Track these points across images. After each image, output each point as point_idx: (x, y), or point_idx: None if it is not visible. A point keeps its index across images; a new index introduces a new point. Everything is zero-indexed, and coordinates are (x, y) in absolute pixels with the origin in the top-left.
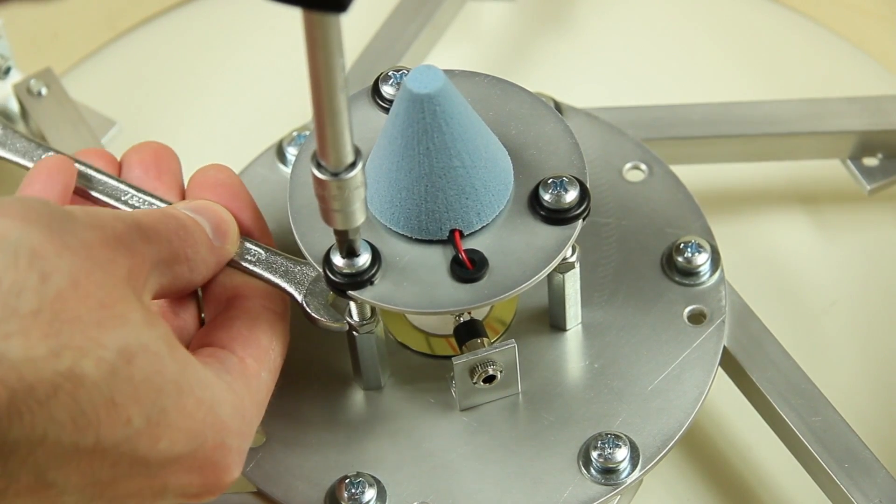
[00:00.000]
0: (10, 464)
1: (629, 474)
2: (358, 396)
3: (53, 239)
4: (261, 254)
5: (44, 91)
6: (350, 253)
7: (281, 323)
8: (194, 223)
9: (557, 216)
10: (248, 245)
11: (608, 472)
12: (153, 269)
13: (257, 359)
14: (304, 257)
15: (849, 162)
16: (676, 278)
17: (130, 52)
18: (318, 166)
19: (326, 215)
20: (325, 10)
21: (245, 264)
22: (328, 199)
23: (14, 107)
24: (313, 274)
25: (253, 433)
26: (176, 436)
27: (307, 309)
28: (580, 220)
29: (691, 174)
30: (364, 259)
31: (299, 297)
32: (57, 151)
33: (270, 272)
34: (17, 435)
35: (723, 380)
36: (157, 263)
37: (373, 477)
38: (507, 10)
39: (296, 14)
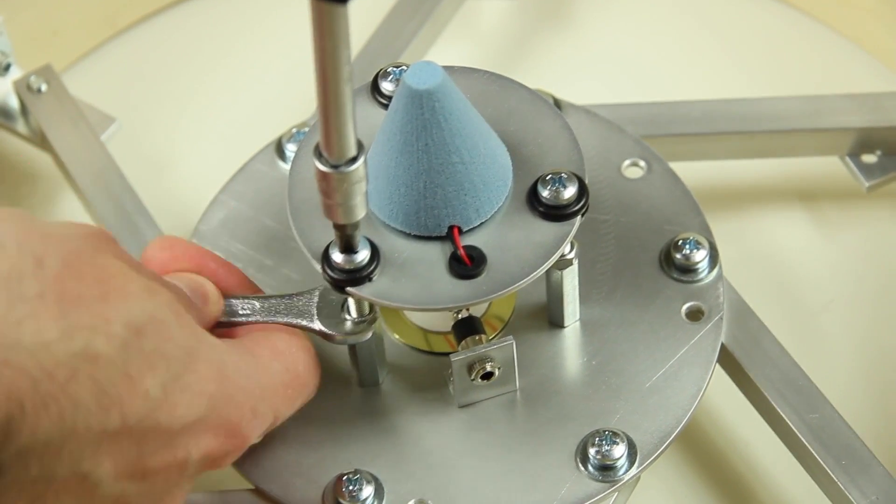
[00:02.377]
0: (46, 461)
1: (627, 471)
2: (356, 393)
3: (33, 230)
4: (253, 304)
5: (44, 88)
6: (349, 249)
7: (301, 340)
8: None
9: (556, 212)
10: (235, 301)
11: (606, 469)
12: None
13: (272, 350)
14: (303, 254)
15: (847, 159)
16: (675, 275)
17: (130, 49)
18: (320, 158)
19: (327, 209)
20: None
21: (242, 319)
22: (329, 193)
23: (14, 103)
24: (315, 299)
25: (266, 402)
26: (192, 400)
27: (328, 332)
28: (579, 217)
29: (690, 171)
30: (363, 255)
31: (316, 326)
32: None
33: (272, 315)
34: (48, 428)
35: (720, 377)
36: None
37: (370, 474)
38: (506, 6)
39: (296, 12)
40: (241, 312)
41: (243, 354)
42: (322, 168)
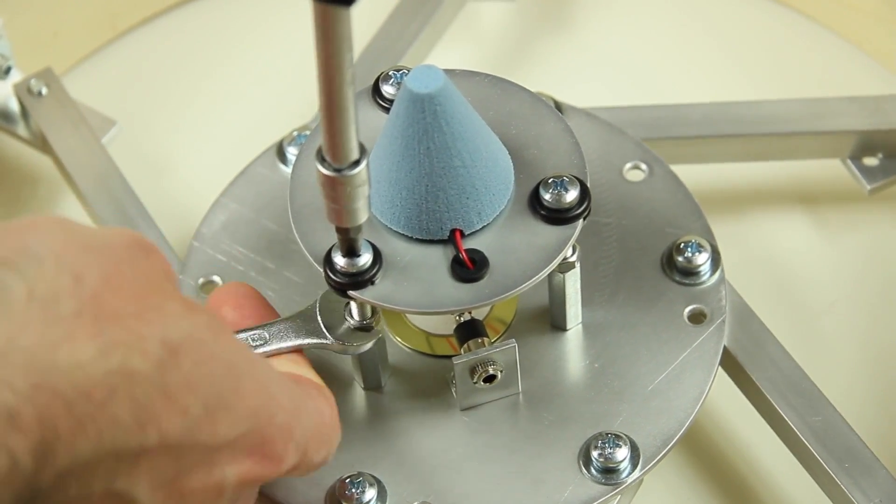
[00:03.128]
0: (83, 480)
1: (629, 474)
2: (358, 396)
3: (74, 241)
4: (263, 334)
5: (44, 91)
6: (351, 252)
7: (326, 393)
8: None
9: (558, 216)
10: (244, 334)
11: (608, 472)
12: None
13: (303, 388)
14: (305, 257)
15: (849, 161)
16: (677, 278)
17: (131, 51)
18: (323, 162)
19: (329, 213)
20: (332, 2)
21: (257, 351)
22: (332, 196)
23: (14, 106)
24: (318, 314)
25: (303, 430)
26: (233, 418)
27: (343, 343)
28: (581, 220)
29: (691, 174)
30: (365, 259)
31: (329, 341)
32: None
33: (284, 341)
34: (84, 448)
35: (723, 379)
36: None
37: (373, 477)
38: (507, 9)
39: (298, 14)
40: (253, 344)
41: (285, 377)
42: (324, 172)
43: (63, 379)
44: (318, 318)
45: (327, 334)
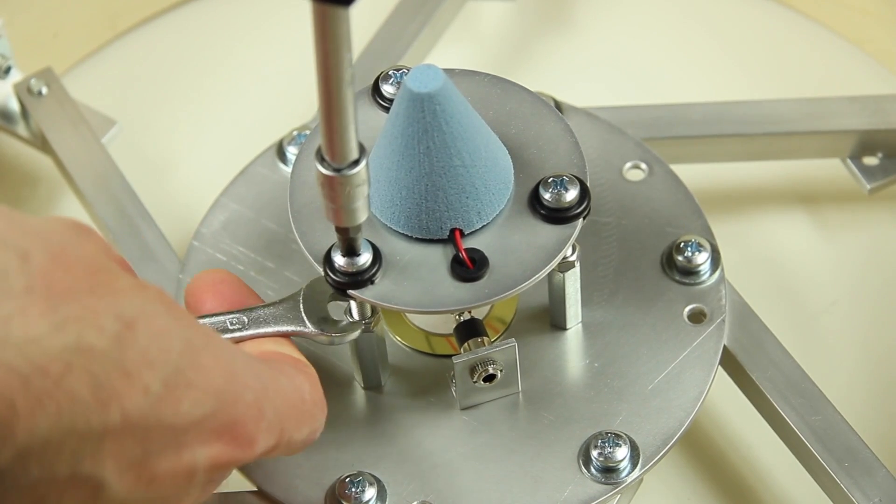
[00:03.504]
0: (46, 461)
1: (629, 473)
2: (358, 395)
3: (14, 225)
4: (241, 318)
5: (44, 91)
6: (351, 252)
7: (307, 369)
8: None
9: (558, 215)
10: (223, 317)
11: (608, 471)
12: None
13: (277, 367)
14: (304, 256)
15: (849, 161)
16: (676, 277)
17: (131, 51)
18: (322, 161)
19: (329, 212)
20: (330, 2)
21: (235, 335)
22: (331, 196)
23: (14, 106)
24: (300, 302)
25: (275, 411)
26: (197, 395)
27: (322, 333)
28: (580, 220)
29: (691, 173)
30: (365, 258)
31: (308, 329)
32: None
33: (263, 326)
34: (44, 426)
35: (723, 379)
36: None
37: (373, 476)
38: (507, 9)
39: (297, 13)
40: (231, 328)
41: (251, 357)
42: (324, 171)
43: (17, 354)
44: (301, 306)
45: (308, 323)
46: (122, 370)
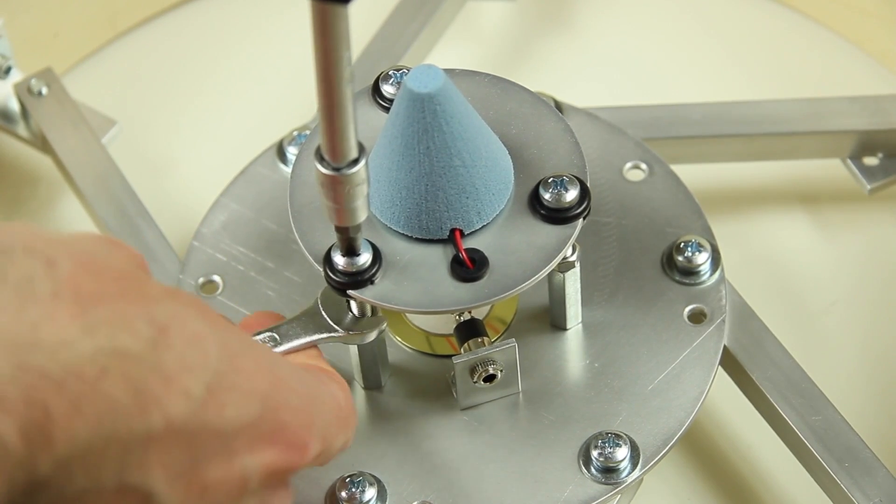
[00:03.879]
0: (90, 470)
1: (629, 473)
2: (358, 395)
3: (41, 235)
4: (273, 335)
5: (44, 91)
6: (351, 252)
7: (339, 378)
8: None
9: (558, 215)
10: (256, 338)
11: (608, 472)
12: None
13: (316, 375)
14: (304, 256)
15: (849, 161)
16: (677, 277)
17: (131, 51)
18: (322, 161)
19: (329, 212)
20: (329, 1)
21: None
22: (331, 196)
23: (14, 106)
24: (321, 309)
25: (320, 415)
26: (242, 399)
27: (351, 335)
28: (580, 220)
29: (692, 173)
30: (365, 258)
31: (340, 332)
32: None
33: (296, 339)
34: (84, 432)
35: (723, 379)
36: None
37: (373, 476)
38: (507, 9)
39: (297, 14)
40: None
41: (292, 364)
42: (323, 171)
43: (48, 358)
44: (323, 313)
45: (336, 327)
46: (161, 374)
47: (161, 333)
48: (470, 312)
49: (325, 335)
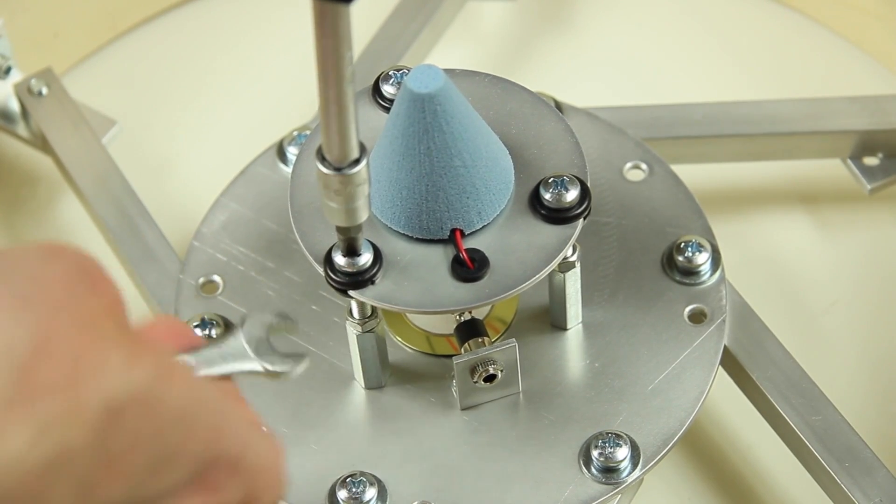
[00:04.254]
0: None
1: (630, 473)
2: (359, 395)
3: (5, 292)
4: (188, 360)
5: (44, 91)
6: (351, 252)
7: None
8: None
9: (558, 215)
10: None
11: (609, 472)
12: None
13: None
14: (305, 256)
15: (849, 161)
16: (677, 277)
17: (131, 51)
18: (323, 160)
19: (329, 212)
20: (331, 0)
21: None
22: (331, 195)
23: (14, 107)
24: (241, 337)
25: (248, 467)
26: (181, 467)
27: (271, 369)
28: (581, 220)
29: (692, 173)
30: (365, 258)
31: (258, 367)
32: None
33: (211, 367)
34: None
35: (723, 379)
36: None
37: (374, 476)
38: (507, 9)
39: (298, 14)
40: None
41: (241, 415)
42: (324, 170)
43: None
44: (243, 341)
45: (256, 360)
46: (106, 462)
47: (114, 416)
48: (470, 312)
49: (241, 366)
